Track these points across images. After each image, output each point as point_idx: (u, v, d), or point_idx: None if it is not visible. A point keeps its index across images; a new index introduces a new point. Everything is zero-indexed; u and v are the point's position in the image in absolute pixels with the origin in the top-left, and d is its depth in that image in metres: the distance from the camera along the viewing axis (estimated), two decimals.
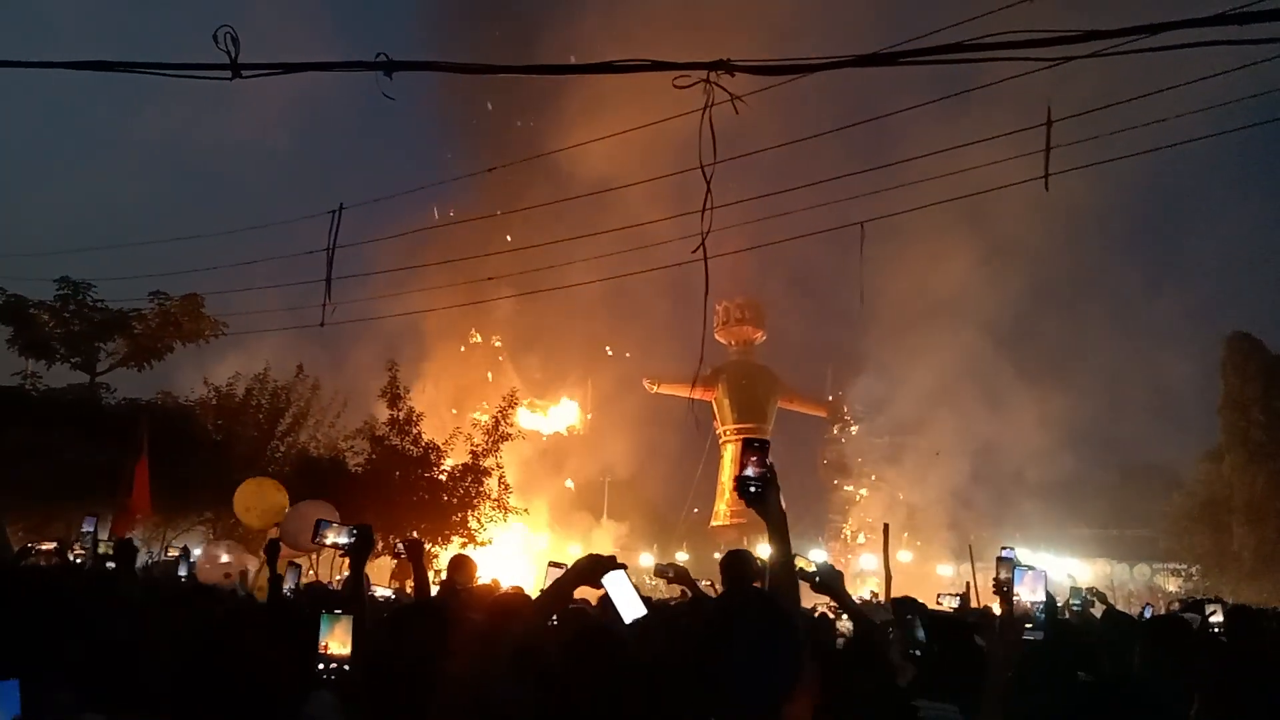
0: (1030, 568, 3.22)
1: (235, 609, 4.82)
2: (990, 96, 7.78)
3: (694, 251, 4.11)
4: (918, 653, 3.80)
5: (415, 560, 4.48)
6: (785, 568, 2.76)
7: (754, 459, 2.73)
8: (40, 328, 21.05)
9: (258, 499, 16.23)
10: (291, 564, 5.53)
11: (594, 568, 3.08)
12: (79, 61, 4.18)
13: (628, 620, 3.09)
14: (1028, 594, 3.13)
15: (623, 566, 3.18)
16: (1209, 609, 6.90)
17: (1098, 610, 8.47)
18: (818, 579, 4.17)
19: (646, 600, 3.15)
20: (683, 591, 6.24)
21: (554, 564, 4.44)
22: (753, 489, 2.71)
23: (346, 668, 2.83)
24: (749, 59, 3.50)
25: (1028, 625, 3.06)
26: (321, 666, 2.81)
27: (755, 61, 3.54)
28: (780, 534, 2.77)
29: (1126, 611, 9.82)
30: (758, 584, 4.02)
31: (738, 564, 4.87)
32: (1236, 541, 32.36)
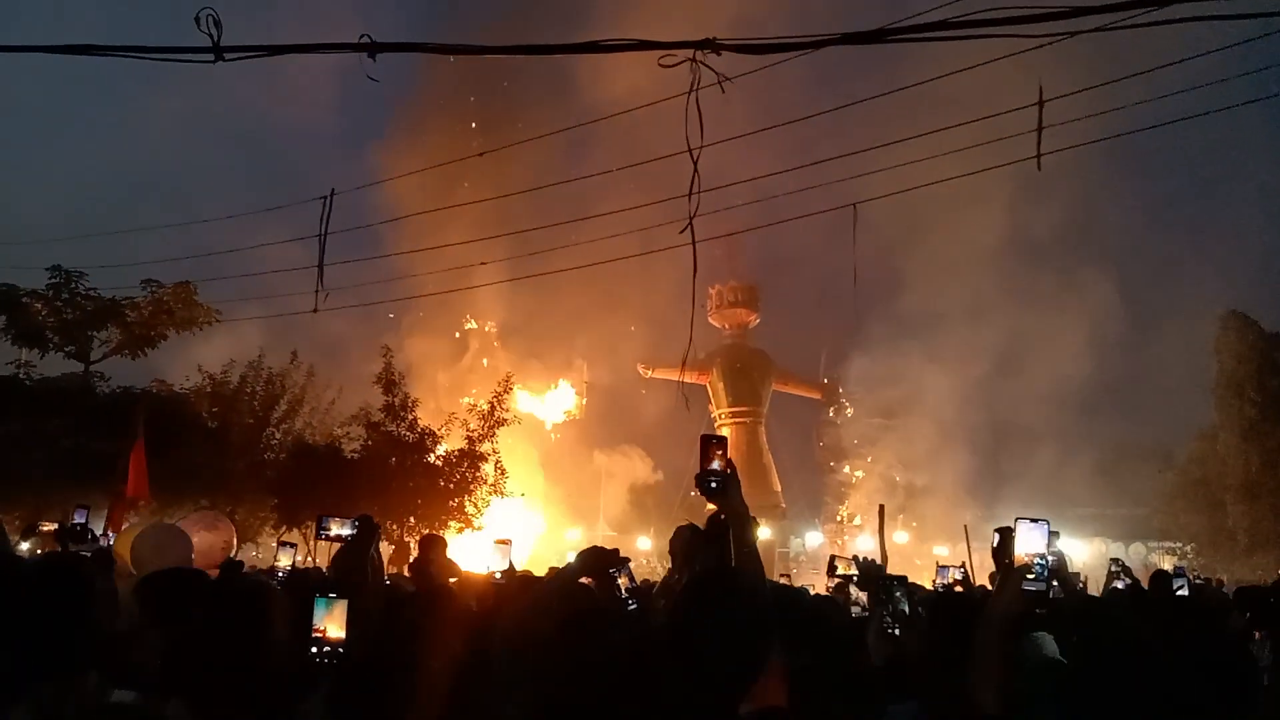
0: (1032, 519, 3.17)
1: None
2: (985, 72, 7.74)
3: (681, 233, 4.10)
4: (896, 631, 3.76)
5: (364, 538, 4.12)
6: (751, 558, 2.77)
7: (717, 455, 2.73)
8: (33, 317, 20.95)
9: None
10: (284, 544, 5.54)
11: (597, 560, 3.11)
12: (60, 46, 4.14)
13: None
14: (1026, 546, 3.10)
15: (625, 561, 3.20)
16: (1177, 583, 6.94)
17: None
18: (857, 577, 4.17)
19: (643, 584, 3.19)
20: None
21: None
22: (714, 484, 2.72)
23: (341, 651, 2.81)
24: (736, 38, 3.48)
25: (1029, 576, 3.01)
26: (315, 650, 2.80)
27: (742, 40, 3.51)
28: (743, 527, 2.78)
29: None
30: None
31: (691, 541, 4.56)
32: (1231, 520, 32.51)
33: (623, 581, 3.22)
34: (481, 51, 4.01)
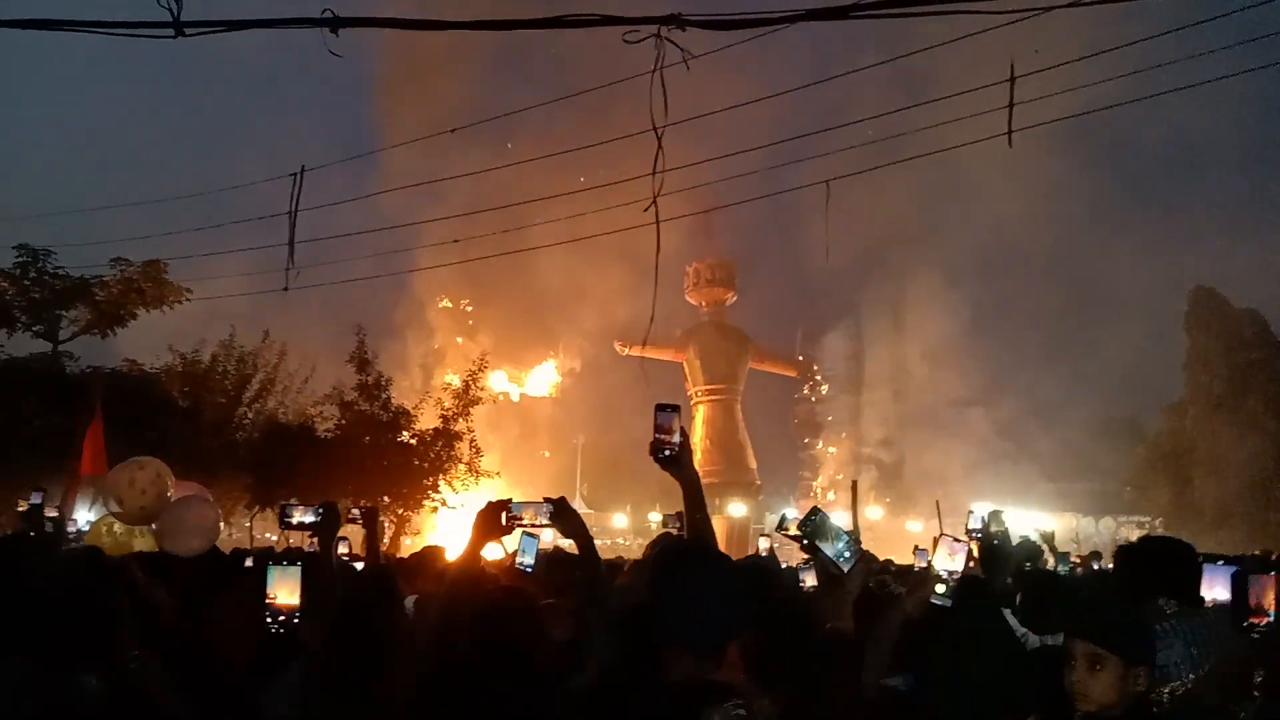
0: (955, 538, 3.23)
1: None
2: (956, 50, 7.75)
3: (645, 210, 4.07)
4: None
5: (369, 527, 4.35)
6: (704, 525, 2.78)
7: (670, 424, 2.70)
8: (0, 296, 20.65)
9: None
10: None
11: (487, 517, 2.92)
12: (16, 20, 4.04)
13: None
14: (943, 563, 3.15)
15: (507, 502, 2.99)
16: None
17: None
18: (805, 541, 4.19)
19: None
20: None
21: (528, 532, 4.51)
22: (666, 453, 2.69)
23: (296, 619, 2.77)
24: (702, 13, 3.43)
25: (938, 591, 3.08)
26: (269, 619, 2.76)
27: (708, 16, 3.47)
28: (695, 496, 2.78)
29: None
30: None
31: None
32: (1198, 493, 33.01)
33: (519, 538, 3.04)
34: (444, 27, 3.94)
